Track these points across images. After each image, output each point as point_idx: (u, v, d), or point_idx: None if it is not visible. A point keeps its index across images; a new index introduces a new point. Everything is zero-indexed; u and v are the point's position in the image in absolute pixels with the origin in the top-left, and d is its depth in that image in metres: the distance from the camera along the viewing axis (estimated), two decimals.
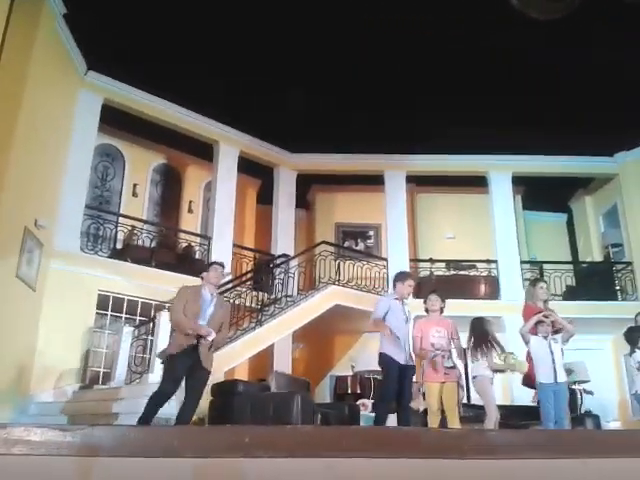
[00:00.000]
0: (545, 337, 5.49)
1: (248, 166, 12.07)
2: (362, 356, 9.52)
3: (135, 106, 10.41)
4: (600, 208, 13.20)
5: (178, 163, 12.44)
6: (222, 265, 5.57)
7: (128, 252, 10.22)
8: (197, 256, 11.01)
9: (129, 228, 10.61)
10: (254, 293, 10.26)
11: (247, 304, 9.88)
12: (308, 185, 13.35)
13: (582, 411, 7.19)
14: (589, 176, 12.89)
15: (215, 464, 2.52)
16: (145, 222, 11.08)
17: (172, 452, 2.43)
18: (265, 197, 12.79)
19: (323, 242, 11.41)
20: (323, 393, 11.10)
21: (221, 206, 11.13)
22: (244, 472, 2.47)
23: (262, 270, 11.29)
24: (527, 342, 5.54)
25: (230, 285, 9.95)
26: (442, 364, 5.28)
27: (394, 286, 5.70)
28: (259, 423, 4.66)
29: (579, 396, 7.39)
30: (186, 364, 4.75)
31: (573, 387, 7.39)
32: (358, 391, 7.91)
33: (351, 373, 9.38)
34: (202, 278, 5.35)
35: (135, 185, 11.75)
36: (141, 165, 11.89)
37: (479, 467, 2.67)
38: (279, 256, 11.26)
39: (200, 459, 2.48)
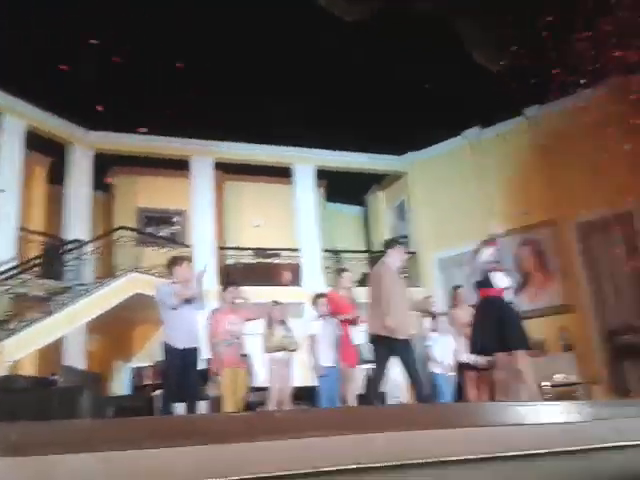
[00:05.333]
0: (327, 319, 5.69)
1: (38, 142, 10.94)
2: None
3: None
4: (391, 202, 14.37)
5: None
6: None
7: None
8: None
9: None
10: (41, 281, 9.36)
11: (34, 293, 8.99)
12: (108, 166, 12.52)
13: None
14: (382, 173, 13.92)
15: None
16: None
17: None
18: (58, 177, 11.71)
19: (121, 227, 10.80)
20: (122, 386, 10.54)
21: (4, 185, 9.95)
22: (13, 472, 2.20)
23: (51, 256, 10.32)
24: None
25: (14, 271, 8.98)
26: (237, 351, 5.36)
27: (170, 271, 5.44)
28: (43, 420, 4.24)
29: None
30: None
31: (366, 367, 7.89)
32: (158, 381, 7.62)
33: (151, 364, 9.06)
34: None
35: None
36: None
37: (269, 448, 2.69)
38: (71, 241, 10.40)
39: None
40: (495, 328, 5.04)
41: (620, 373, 9.60)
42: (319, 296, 5.81)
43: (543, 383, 8.73)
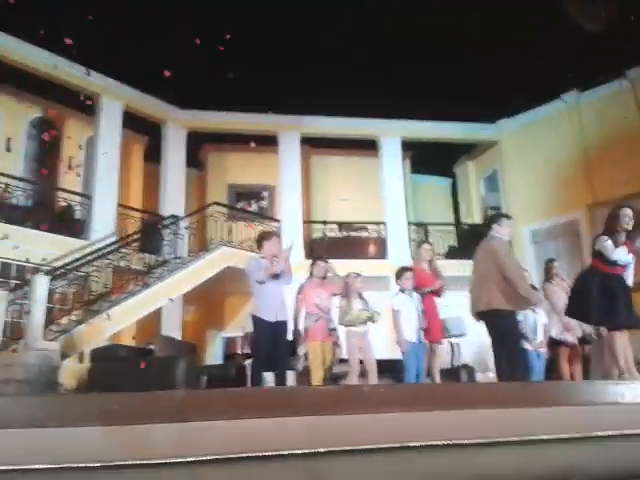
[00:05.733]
0: (410, 294, 5.63)
1: (134, 122, 11.46)
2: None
3: (6, 53, 9.51)
4: (481, 173, 13.90)
5: (57, 117, 11.55)
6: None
7: (1, 211, 9.47)
8: (77, 217, 10.40)
9: (2, 186, 9.79)
10: (140, 255, 9.88)
11: (133, 267, 9.51)
12: (200, 144, 12.93)
13: (458, 364, 7.64)
14: (472, 142, 13.47)
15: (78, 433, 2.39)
16: (20, 179, 10.26)
17: (36, 422, 2.31)
18: (154, 155, 12.23)
19: (214, 203, 11.16)
20: (215, 355, 11.02)
21: (104, 163, 10.52)
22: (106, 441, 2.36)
23: (149, 231, 10.86)
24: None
25: (115, 246, 9.53)
26: (325, 326, 5.44)
27: (259, 246, 5.54)
28: (141, 389, 4.51)
29: (454, 349, 7.82)
30: None
31: (450, 341, 7.80)
32: (248, 351, 7.88)
33: (242, 332, 9.36)
34: None
35: (9, 139, 10.81)
36: (15, 118, 10.93)
37: (354, 421, 2.71)
38: (167, 217, 10.88)
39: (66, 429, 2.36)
40: (606, 302, 4.79)
41: None
42: (404, 270, 5.73)
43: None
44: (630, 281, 4.96)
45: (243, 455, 2.39)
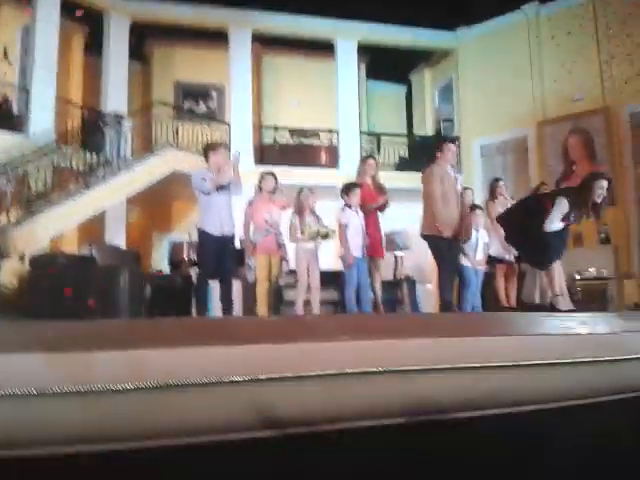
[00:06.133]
0: (355, 209, 5.65)
1: (73, 10, 10.57)
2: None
3: None
4: (437, 82, 13.69)
5: None
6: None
7: None
8: (15, 110, 9.78)
9: None
10: (81, 154, 9.46)
11: (73, 166, 9.14)
12: (144, 37, 12.14)
13: (400, 276, 7.88)
14: (430, 49, 13.12)
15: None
16: None
17: None
18: (94, 48, 11.42)
19: (160, 102, 10.67)
20: (160, 259, 10.96)
21: (41, 54, 9.78)
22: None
23: (90, 129, 10.34)
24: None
25: (54, 145, 9.08)
26: (273, 240, 5.45)
27: (206, 157, 5.40)
28: (83, 298, 4.48)
29: (397, 262, 8.02)
30: None
31: (394, 254, 7.98)
32: (194, 258, 7.85)
33: (188, 237, 9.28)
34: None
35: None
36: None
37: (296, 350, 2.75)
38: (110, 114, 10.35)
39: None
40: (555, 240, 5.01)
41: None
42: (351, 186, 5.69)
43: (576, 276, 8.71)
44: None
45: (188, 382, 2.43)
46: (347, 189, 5.67)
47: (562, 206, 4.90)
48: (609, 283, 9.14)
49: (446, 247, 5.35)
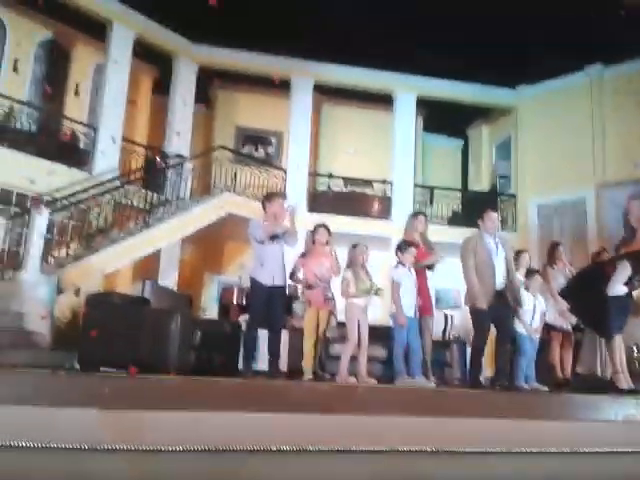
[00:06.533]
0: (409, 268, 5.54)
1: (145, 52, 11.11)
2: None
3: None
4: (495, 139, 13.63)
5: (67, 40, 11.18)
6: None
7: (4, 135, 9.29)
8: (82, 146, 10.23)
9: (6, 110, 9.57)
10: (142, 192, 9.75)
11: (134, 204, 9.43)
12: (210, 80, 12.60)
13: (450, 336, 7.69)
14: (489, 105, 13.11)
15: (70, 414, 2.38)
16: (26, 104, 10.02)
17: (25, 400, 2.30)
18: (162, 89, 11.92)
19: (221, 147, 10.97)
20: (209, 300, 11.09)
21: (111, 92, 10.26)
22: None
23: (153, 169, 10.69)
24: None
25: (118, 183, 9.41)
26: (322, 293, 5.44)
27: (263, 207, 5.49)
28: (134, 341, 4.53)
29: (447, 321, 7.85)
30: None
31: (444, 312, 7.83)
32: (243, 303, 7.92)
33: (238, 280, 9.38)
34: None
35: (16, 60, 10.46)
36: (25, 38, 10.57)
37: (347, 423, 2.71)
38: (173, 156, 10.70)
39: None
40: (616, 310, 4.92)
41: None
42: (408, 244, 5.61)
43: (634, 349, 8.32)
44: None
45: (237, 448, 2.40)
46: (401, 247, 5.60)
47: (625, 269, 4.77)
48: None
49: (483, 318, 5.32)
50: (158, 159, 10.73)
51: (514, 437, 2.99)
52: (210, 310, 10.47)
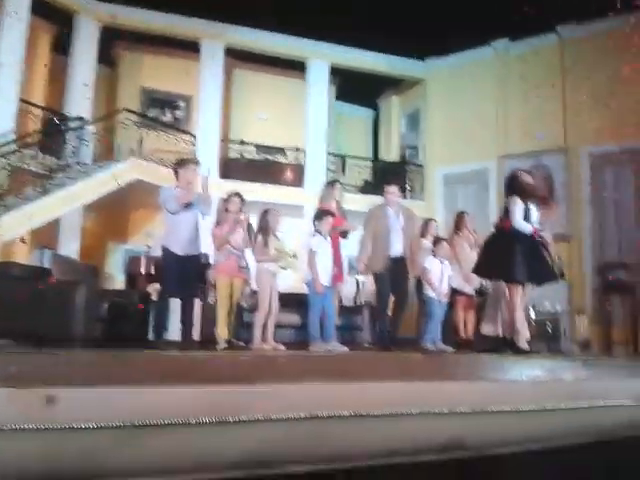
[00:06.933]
0: (325, 236, 5.59)
1: (43, 8, 10.27)
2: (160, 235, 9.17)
3: None
4: (405, 110, 13.87)
5: None
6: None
7: None
8: None
9: None
10: (41, 157, 9.14)
11: (32, 169, 8.84)
12: (114, 40, 11.91)
13: (361, 301, 7.86)
14: (399, 77, 13.27)
15: None
16: None
17: None
18: (62, 49, 11.11)
19: (126, 109, 10.44)
20: (115, 268, 10.67)
21: (7, 50, 9.42)
22: None
23: (52, 132, 10.01)
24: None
25: (14, 146, 8.77)
26: (236, 262, 5.37)
27: (175, 173, 5.31)
28: (36, 314, 4.28)
29: (359, 287, 8.01)
30: None
31: (356, 277, 7.97)
32: (152, 272, 7.65)
33: (146, 249, 9.07)
34: None
35: None
36: None
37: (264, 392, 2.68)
38: (74, 118, 10.07)
39: None
40: (522, 259, 5.13)
41: (605, 306, 9.75)
42: (324, 213, 5.64)
43: (530, 311, 8.89)
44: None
45: (153, 423, 2.32)
46: (319, 216, 5.62)
47: (516, 203, 5.15)
48: (562, 318, 9.35)
49: (382, 283, 5.85)
50: (57, 121, 10.05)
51: (424, 398, 3.07)
52: (117, 280, 10.08)
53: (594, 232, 10.42)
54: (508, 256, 5.12)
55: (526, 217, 5.18)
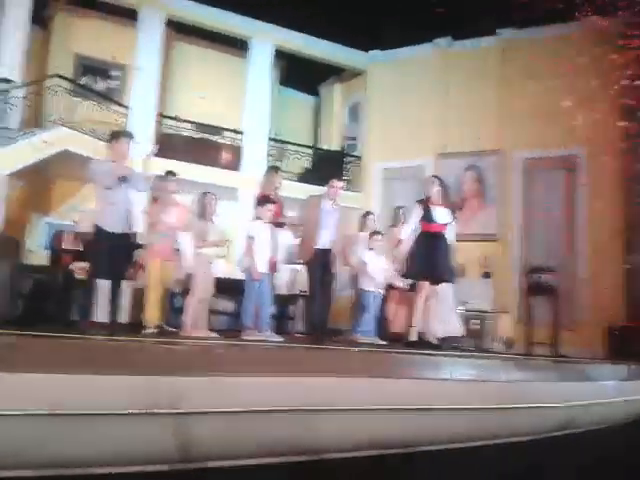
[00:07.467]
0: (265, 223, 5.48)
1: None
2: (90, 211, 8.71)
3: None
4: (347, 100, 13.83)
5: None
6: None
7: None
8: None
9: None
10: None
11: None
12: (48, 1, 11.20)
13: (297, 291, 7.78)
14: (342, 66, 13.16)
15: None
16: None
17: None
18: None
19: (56, 75, 9.85)
20: (38, 241, 10.08)
21: None
22: None
23: None
24: None
25: None
26: (170, 245, 5.20)
27: (109, 146, 5.01)
28: None
29: (295, 276, 7.92)
30: None
31: (292, 267, 7.89)
32: (79, 249, 7.24)
33: (72, 223, 8.61)
34: None
35: None
36: None
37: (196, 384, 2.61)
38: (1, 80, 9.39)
39: None
40: (429, 260, 5.65)
41: (528, 306, 10.11)
42: (266, 200, 5.50)
43: (458, 308, 9.10)
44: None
45: (79, 412, 2.17)
46: (261, 202, 5.49)
47: (415, 211, 5.76)
48: (486, 316, 9.63)
49: (312, 272, 5.87)
50: None
51: (366, 395, 3.05)
52: (38, 255, 9.53)
53: (522, 234, 10.78)
54: (411, 255, 5.74)
55: (430, 218, 5.64)
